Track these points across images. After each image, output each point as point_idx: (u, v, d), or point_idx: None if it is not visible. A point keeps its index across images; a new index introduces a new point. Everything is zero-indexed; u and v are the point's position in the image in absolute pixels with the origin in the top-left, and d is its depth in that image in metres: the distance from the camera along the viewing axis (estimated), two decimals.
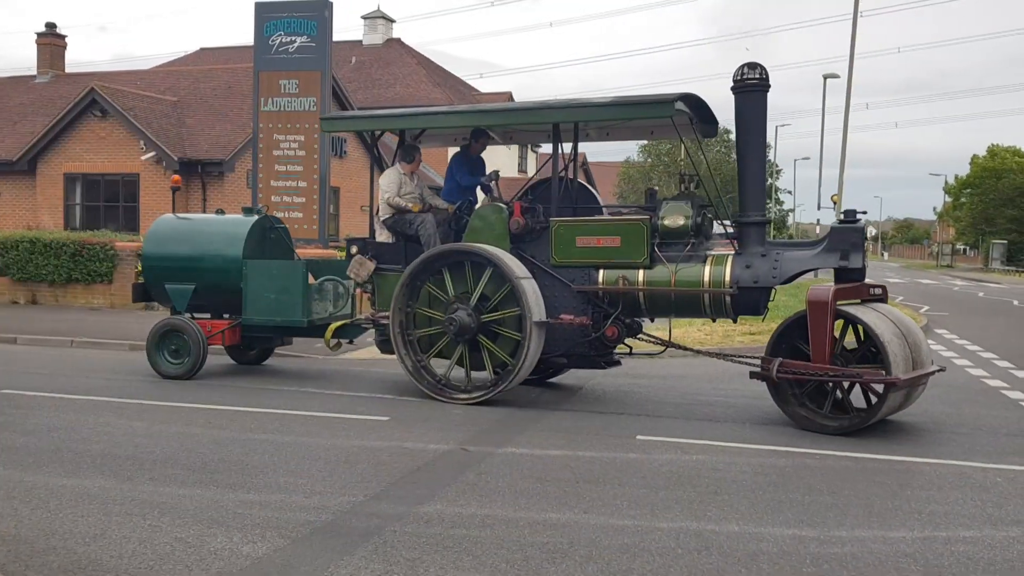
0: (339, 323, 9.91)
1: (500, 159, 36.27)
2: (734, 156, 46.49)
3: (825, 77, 35.27)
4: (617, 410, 8.47)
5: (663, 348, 9.00)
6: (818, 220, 39.05)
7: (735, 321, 8.78)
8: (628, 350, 9.20)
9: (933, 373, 7.78)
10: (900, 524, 5.13)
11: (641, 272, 8.30)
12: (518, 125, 9.80)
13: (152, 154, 21.93)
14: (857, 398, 7.85)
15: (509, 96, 36.97)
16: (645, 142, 49.40)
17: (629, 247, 8.29)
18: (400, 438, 7.18)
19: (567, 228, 8.54)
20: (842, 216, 8.09)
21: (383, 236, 9.51)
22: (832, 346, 7.46)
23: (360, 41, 37.51)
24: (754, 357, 8.10)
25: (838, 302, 7.47)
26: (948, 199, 75.56)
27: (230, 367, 10.90)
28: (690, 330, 13.71)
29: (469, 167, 9.77)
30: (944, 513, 5.35)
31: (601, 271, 8.45)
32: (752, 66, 8.12)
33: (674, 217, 8.28)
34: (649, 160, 50.81)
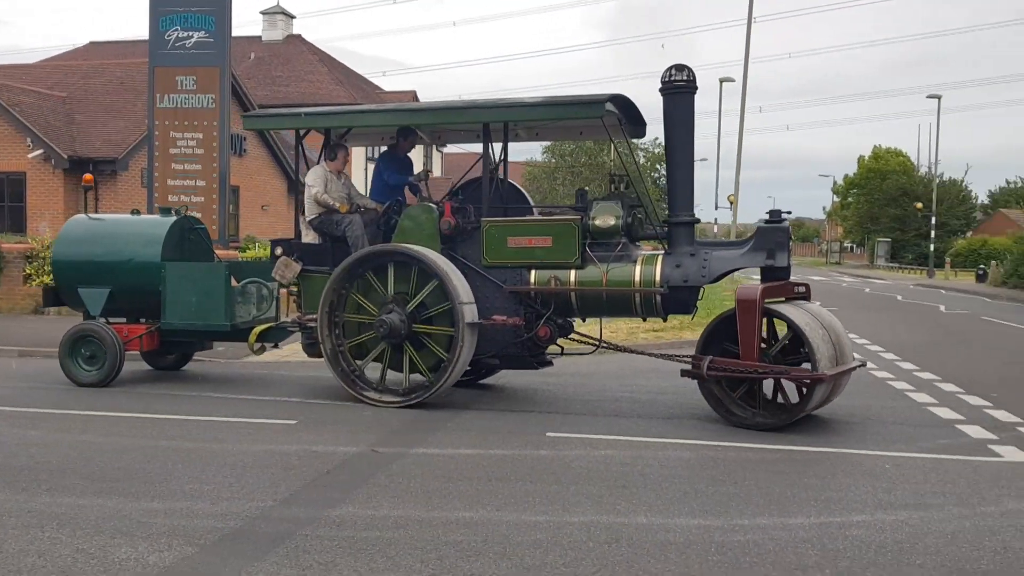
0: (263, 326, 9.67)
1: None
2: (635, 156, 47.46)
3: (721, 81, 36.28)
4: (527, 408, 8.56)
5: (594, 348, 8.99)
6: (716, 220, 40.19)
7: (665, 319, 8.91)
8: (560, 350, 9.20)
9: (855, 368, 8.06)
10: (798, 511, 5.37)
11: (573, 272, 8.31)
12: (448, 125, 9.71)
13: (40, 152, 21.01)
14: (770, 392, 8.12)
15: (413, 95, 36.82)
16: (549, 143, 50.04)
17: (560, 247, 8.29)
18: (309, 441, 7.10)
19: (498, 228, 8.50)
20: (767, 216, 8.21)
21: (309, 237, 9.30)
22: (759, 343, 7.62)
23: (259, 37, 36.74)
24: (687, 356, 8.18)
25: (765, 300, 7.64)
26: (836, 199, 78.92)
27: (141, 373, 10.53)
28: (595, 328, 13.88)
29: (397, 166, 9.64)
30: (838, 499, 5.62)
31: (533, 271, 8.43)
32: (680, 68, 8.19)
33: (605, 217, 8.30)
34: (553, 160, 51.35)
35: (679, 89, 8.21)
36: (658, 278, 8.16)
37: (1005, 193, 71.26)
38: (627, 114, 8.90)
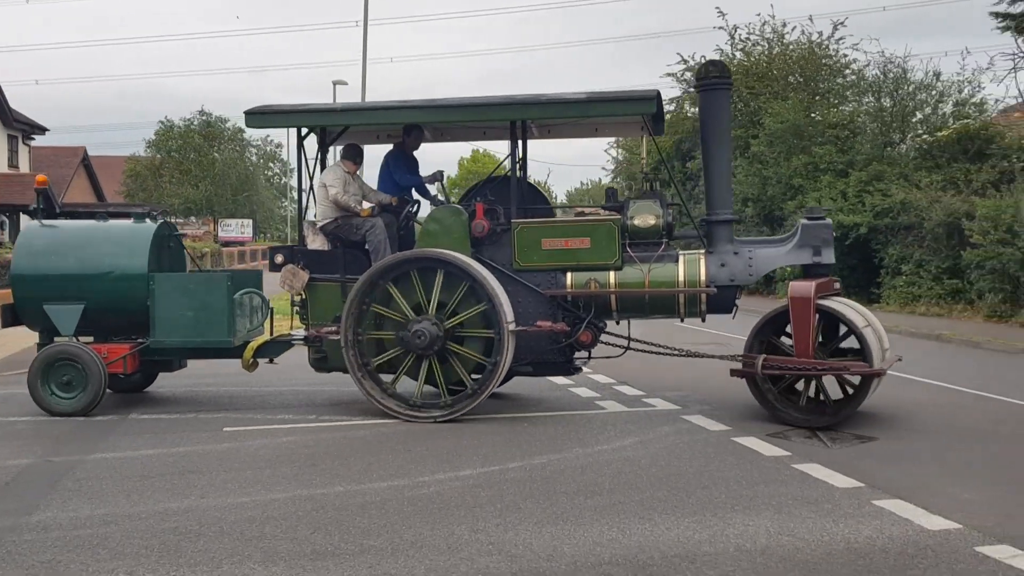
0: (261, 340, 8.73)
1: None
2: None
3: (335, 83, 36.91)
4: (193, 409, 8.72)
5: (624, 349, 8.49)
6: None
7: (704, 320, 8.51)
8: (587, 353, 8.58)
9: (895, 362, 8.08)
10: (465, 465, 6.47)
11: (612, 274, 8.08)
12: (481, 121, 8.83)
13: None
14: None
15: None
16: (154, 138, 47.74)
17: (599, 248, 8.04)
18: None
19: (531, 230, 8.14)
20: (808, 214, 8.39)
21: (316, 242, 8.50)
22: (815, 340, 7.55)
23: None
24: (737, 355, 7.97)
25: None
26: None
27: None
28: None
29: (407, 165, 9.04)
30: (492, 454, 6.82)
31: (569, 274, 8.14)
32: (715, 64, 8.30)
33: (644, 216, 8.17)
34: (159, 156, 48.98)
35: (714, 86, 8.21)
36: (703, 277, 8.05)
37: (580, 193, 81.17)
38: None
